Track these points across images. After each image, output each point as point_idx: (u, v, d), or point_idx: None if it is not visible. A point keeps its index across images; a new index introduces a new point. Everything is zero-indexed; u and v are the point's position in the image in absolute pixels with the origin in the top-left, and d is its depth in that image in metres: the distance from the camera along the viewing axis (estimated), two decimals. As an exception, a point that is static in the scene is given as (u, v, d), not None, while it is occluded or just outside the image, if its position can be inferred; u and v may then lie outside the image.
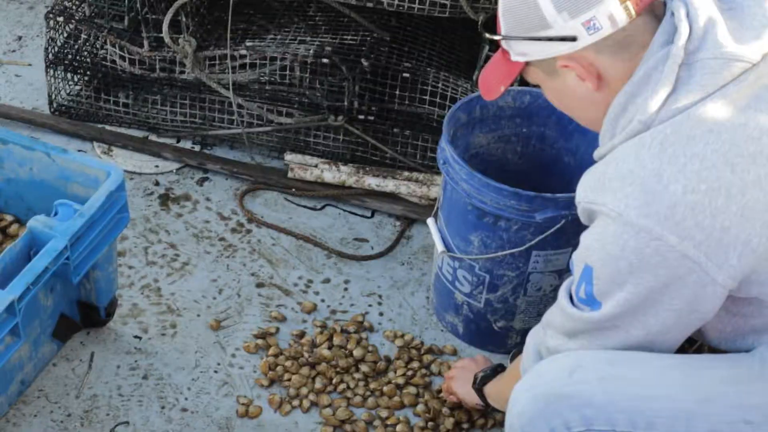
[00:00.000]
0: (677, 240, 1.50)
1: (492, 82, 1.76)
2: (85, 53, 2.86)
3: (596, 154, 1.69)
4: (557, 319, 1.72)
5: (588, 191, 1.60)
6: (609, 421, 1.60)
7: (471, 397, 2.16)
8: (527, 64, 1.70)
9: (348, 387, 2.29)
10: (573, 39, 1.61)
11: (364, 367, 2.31)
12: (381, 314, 2.46)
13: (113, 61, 2.81)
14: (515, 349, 2.35)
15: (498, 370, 2.13)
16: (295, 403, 2.25)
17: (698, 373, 1.61)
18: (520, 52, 1.69)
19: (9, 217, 2.31)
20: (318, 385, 2.27)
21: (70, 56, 2.85)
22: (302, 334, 2.38)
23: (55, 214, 2.06)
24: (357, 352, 2.33)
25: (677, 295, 1.55)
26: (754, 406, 1.58)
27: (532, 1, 1.61)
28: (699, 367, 1.63)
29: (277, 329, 2.40)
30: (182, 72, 2.77)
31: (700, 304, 1.57)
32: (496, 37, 1.70)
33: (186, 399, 2.24)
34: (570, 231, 2.09)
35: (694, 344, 2.19)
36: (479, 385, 2.13)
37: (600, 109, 1.67)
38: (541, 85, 1.75)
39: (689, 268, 1.52)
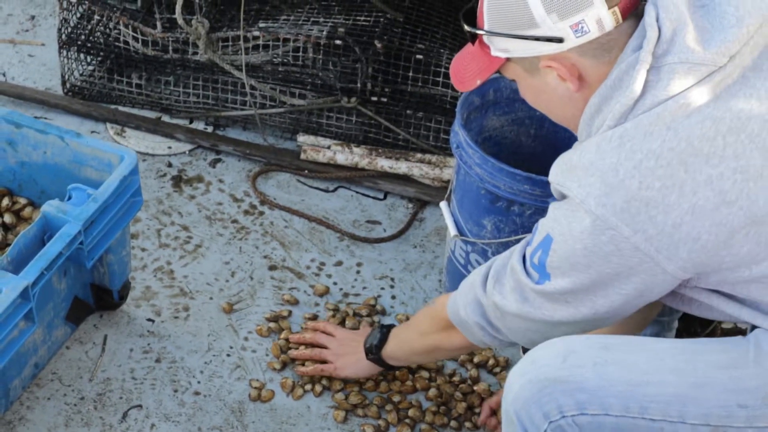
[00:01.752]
0: (631, 232, 1.55)
1: (467, 75, 1.76)
2: (98, 34, 2.85)
3: (574, 146, 1.71)
4: (509, 280, 1.74)
5: (558, 174, 1.65)
6: (602, 406, 1.61)
7: (368, 371, 2.20)
8: (507, 60, 1.70)
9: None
10: (560, 40, 1.62)
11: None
12: (393, 297, 2.47)
13: (126, 42, 2.80)
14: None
15: (385, 331, 2.15)
16: (308, 387, 2.26)
17: (692, 358, 1.63)
18: (502, 48, 1.69)
19: (23, 201, 2.31)
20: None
21: (83, 37, 2.85)
22: (314, 317, 2.39)
23: (69, 198, 2.06)
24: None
25: (627, 282, 1.60)
26: (748, 390, 1.60)
27: (521, 0, 1.61)
28: (693, 352, 1.64)
29: (290, 312, 2.40)
30: (195, 53, 2.76)
31: (649, 290, 1.62)
32: (479, 32, 1.69)
33: (199, 382, 2.25)
34: (583, 217, 2.08)
35: (706, 328, 2.19)
36: (375, 355, 2.15)
37: (578, 108, 1.68)
38: (518, 81, 1.75)
39: (640, 259, 1.57)
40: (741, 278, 1.60)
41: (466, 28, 1.71)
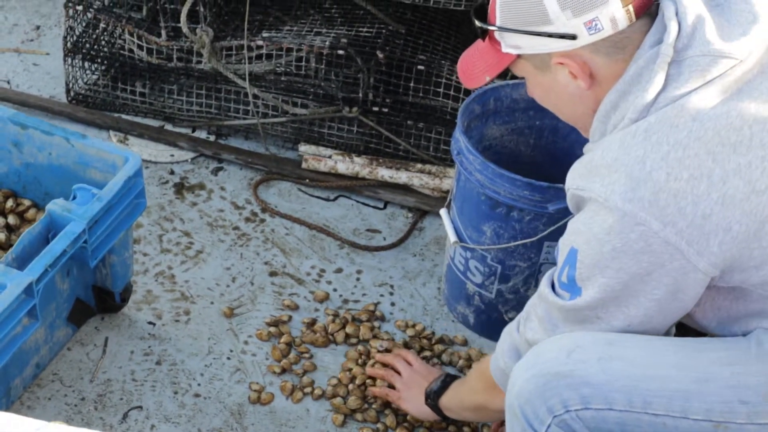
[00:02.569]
0: (660, 226, 1.54)
1: (477, 71, 1.76)
2: (103, 42, 2.88)
3: (585, 148, 1.73)
4: (538, 310, 1.73)
5: (577, 178, 1.64)
6: (606, 400, 1.62)
7: (426, 414, 2.16)
8: (518, 56, 1.71)
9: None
10: (573, 37, 1.63)
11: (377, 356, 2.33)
12: (393, 304, 2.48)
13: (131, 51, 2.83)
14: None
15: (447, 380, 2.12)
16: (307, 390, 2.27)
17: (695, 355, 1.64)
18: (513, 44, 1.69)
19: (27, 202, 2.33)
20: (330, 372, 2.29)
21: (88, 45, 2.88)
22: (314, 322, 2.40)
23: (74, 198, 2.08)
24: (373, 342, 2.36)
25: (659, 284, 1.58)
26: (750, 386, 1.61)
27: None
28: (696, 349, 1.65)
29: (290, 317, 2.42)
30: (199, 62, 2.79)
31: (682, 292, 1.60)
32: (491, 27, 1.70)
33: (199, 385, 2.26)
34: (582, 222, 2.10)
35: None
36: (433, 401, 2.12)
37: (588, 106, 1.69)
38: (528, 78, 1.76)
39: (671, 255, 1.55)
40: (765, 277, 1.58)
41: (477, 23, 1.72)
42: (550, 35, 1.63)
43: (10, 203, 2.32)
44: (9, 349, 1.92)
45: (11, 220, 2.31)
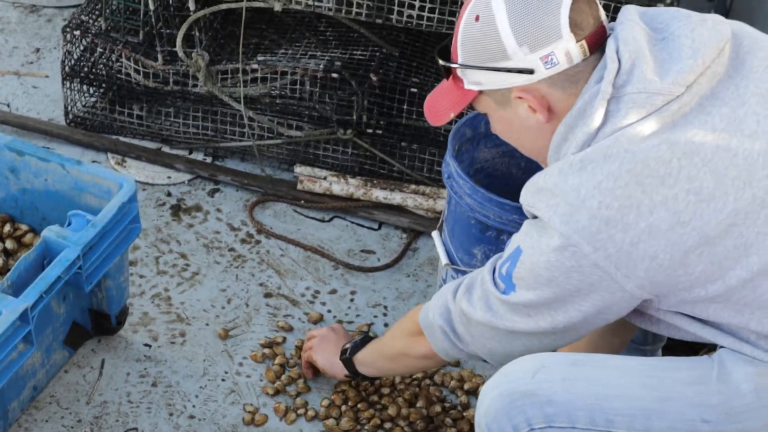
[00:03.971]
0: (591, 249, 1.61)
1: (440, 109, 1.83)
2: (101, 66, 2.92)
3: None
4: (480, 288, 1.79)
5: (527, 196, 1.72)
6: (569, 419, 1.67)
7: (335, 368, 2.25)
8: (480, 93, 1.76)
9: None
10: (530, 72, 1.68)
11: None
12: (386, 325, 2.51)
13: (128, 74, 2.87)
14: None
15: (367, 339, 2.21)
16: (300, 411, 2.30)
17: (658, 374, 1.69)
18: (474, 81, 1.75)
19: (24, 227, 2.36)
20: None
21: (86, 69, 2.91)
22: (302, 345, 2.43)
23: (69, 224, 2.12)
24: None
25: (586, 299, 1.65)
26: (712, 405, 1.66)
27: (493, 33, 1.68)
28: (659, 368, 1.70)
29: (284, 339, 2.45)
30: (195, 85, 2.83)
31: (608, 309, 1.67)
32: (453, 65, 1.76)
33: (194, 406, 2.29)
34: (570, 246, 2.13)
35: (705, 346, 2.23)
36: (350, 355, 2.20)
37: (546, 139, 1.75)
38: (489, 114, 1.81)
39: (600, 277, 1.62)
40: (698, 298, 1.65)
41: (441, 62, 1.78)
42: (508, 70, 1.69)
43: (7, 228, 2.35)
44: (5, 375, 1.96)
45: (9, 244, 2.34)
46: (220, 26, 2.87)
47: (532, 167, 2.48)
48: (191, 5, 2.68)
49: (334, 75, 2.72)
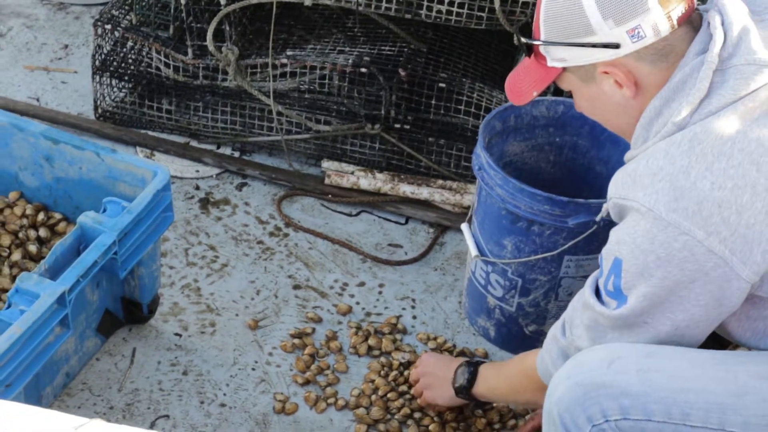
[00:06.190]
0: (704, 235, 1.56)
1: (524, 87, 1.80)
2: (131, 61, 2.95)
3: (627, 156, 1.75)
4: (583, 318, 1.75)
5: (620, 187, 1.66)
6: (645, 411, 1.64)
7: (456, 401, 2.19)
8: (564, 70, 1.75)
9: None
10: (616, 46, 1.66)
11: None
12: (414, 317, 2.52)
13: (157, 69, 2.89)
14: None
15: (472, 371, 2.13)
16: (330, 401, 2.31)
17: (733, 368, 1.65)
18: (558, 57, 1.73)
19: (58, 215, 2.38)
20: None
21: (115, 63, 2.94)
22: (334, 336, 2.44)
23: (104, 211, 2.14)
24: (395, 354, 2.40)
25: (704, 290, 1.60)
26: None
27: (578, 7, 1.66)
28: (734, 362, 1.67)
29: (313, 330, 2.46)
30: (224, 80, 2.85)
31: (726, 298, 1.62)
32: (536, 42, 1.74)
33: (224, 395, 2.31)
34: (602, 236, 2.12)
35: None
36: (465, 394, 2.14)
37: (633, 116, 1.72)
38: (574, 91, 1.79)
39: (715, 263, 1.57)
40: None
41: (523, 39, 1.76)
42: (593, 45, 1.67)
43: (41, 216, 2.37)
44: (42, 358, 1.97)
45: (42, 233, 2.36)
46: (249, 22, 2.89)
47: (560, 161, 2.51)
48: (222, 0, 2.70)
49: (363, 70, 2.74)
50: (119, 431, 1.23)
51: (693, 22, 1.68)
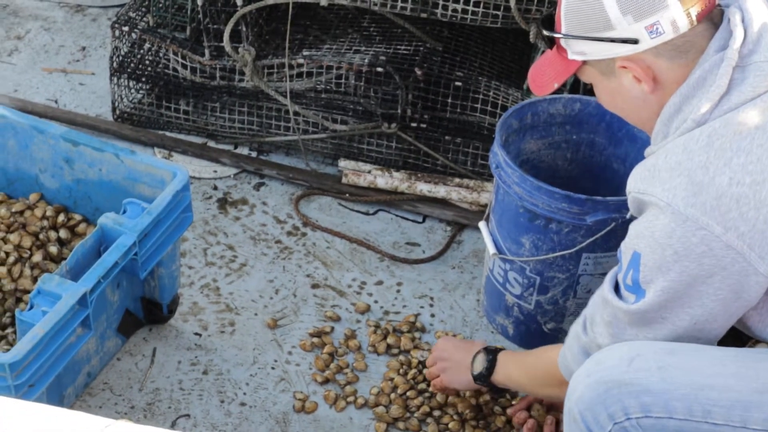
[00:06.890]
0: (722, 230, 1.57)
1: (545, 79, 1.82)
2: (148, 62, 2.96)
3: (647, 151, 1.76)
4: (604, 315, 1.76)
5: (639, 182, 1.67)
6: (666, 409, 1.63)
7: (472, 386, 2.19)
8: (584, 63, 1.77)
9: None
10: (635, 42, 1.67)
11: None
12: (432, 315, 2.53)
13: (175, 70, 2.90)
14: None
15: (491, 359, 2.13)
16: (350, 399, 2.32)
17: (755, 365, 1.65)
18: (578, 51, 1.75)
19: (78, 217, 2.40)
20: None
21: (133, 65, 2.95)
22: (353, 335, 2.45)
23: (124, 212, 2.15)
24: (414, 352, 2.41)
25: (722, 285, 1.61)
26: None
27: (597, 2, 1.68)
28: (755, 359, 1.66)
29: (332, 329, 2.47)
30: (241, 80, 2.86)
31: (744, 292, 1.62)
32: (557, 35, 1.76)
33: (244, 394, 2.32)
34: (620, 234, 2.12)
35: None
36: (484, 381, 2.14)
37: (652, 110, 1.73)
38: (595, 84, 1.81)
39: (733, 258, 1.58)
40: None
41: (545, 32, 1.78)
42: (612, 40, 1.68)
43: (61, 218, 2.39)
44: (64, 358, 1.99)
45: (63, 234, 2.38)
46: (265, 23, 2.90)
47: (577, 159, 2.51)
48: (239, 0, 2.71)
49: (379, 69, 2.75)
50: (144, 431, 1.24)
51: (713, 18, 1.69)
